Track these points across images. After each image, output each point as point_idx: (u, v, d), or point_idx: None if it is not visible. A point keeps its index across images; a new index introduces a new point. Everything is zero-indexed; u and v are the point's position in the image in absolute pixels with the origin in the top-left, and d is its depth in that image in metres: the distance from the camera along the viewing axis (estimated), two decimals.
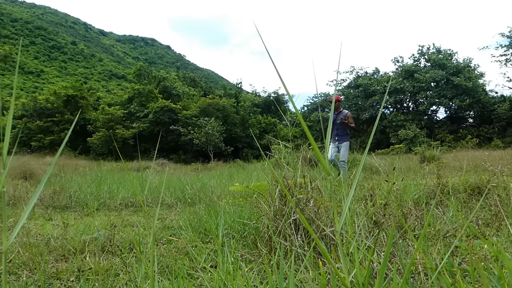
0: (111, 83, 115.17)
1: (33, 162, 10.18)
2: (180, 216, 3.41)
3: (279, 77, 0.41)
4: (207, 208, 2.96)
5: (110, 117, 26.37)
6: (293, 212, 1.80)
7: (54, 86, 35.35)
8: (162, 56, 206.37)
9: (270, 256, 1.72)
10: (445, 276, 1.06)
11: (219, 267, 1.13)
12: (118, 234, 2.69)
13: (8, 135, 0.36)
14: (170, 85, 31.72)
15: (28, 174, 7.11)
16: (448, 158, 9.49)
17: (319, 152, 0.38)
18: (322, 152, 1.69)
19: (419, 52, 30.75)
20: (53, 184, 5.64)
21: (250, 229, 2.19)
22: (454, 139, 25.28)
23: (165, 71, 40.33)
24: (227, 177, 6.66)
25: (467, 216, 2.13)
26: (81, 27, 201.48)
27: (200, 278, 1.62)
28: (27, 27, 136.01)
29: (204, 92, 36.67)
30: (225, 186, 5.09)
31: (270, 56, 0.45)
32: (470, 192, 3.25)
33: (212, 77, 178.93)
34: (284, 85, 0.44)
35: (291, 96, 0.47)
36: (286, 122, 12.70)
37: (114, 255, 2.26)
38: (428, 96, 28.15)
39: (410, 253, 1.58)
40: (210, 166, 15.42)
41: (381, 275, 0.43)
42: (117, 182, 5.84)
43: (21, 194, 4.33)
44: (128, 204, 4.43)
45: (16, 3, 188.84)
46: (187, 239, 2.17)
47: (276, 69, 0.43)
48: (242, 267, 1.32)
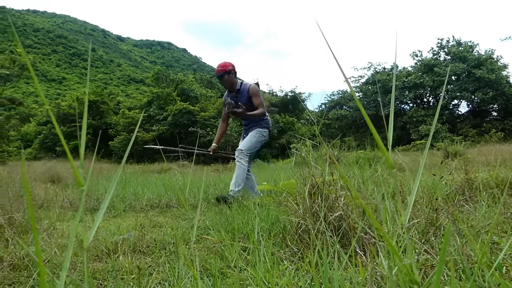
0: (130, 87, 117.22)
1: (60, 166, 10.45)
2: (206, 216, 3.45)
3: (337, 63, 0.42)
4: (237, 207, 2.98)
5: (130, 120, 26.87)
6: (323, 210, 1.80)
7: (76, 92, 36.21)
8: (178, 59, 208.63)
9: (301, 254, 1.73)
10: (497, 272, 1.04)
11: (256, 265, 1.14)
12: (147, 234, 2.73)
13: (84, 135, 0.38)
14: (188, 87, 32.04)
15: (56, 178, 7.31)
16: (472, 153, 9.27)
17: (379, 139, 0.39)
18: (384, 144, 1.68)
19: (438, 45, 30.12)
20: None
21: (278, 228, 2.20)
22: (478, 134, 24.65)
23: (182, 73, 40.78)
24: None
25: (505, 212, 2.08)
26: (99, 33, 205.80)
27: (233, 276, 1.64)
28: (49, 36, 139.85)
29: (221, 93, 36.86)
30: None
31: (328, 44, 0.46)
32: (502, 188, 3.17)
33: None
34: (342, 70, 0.44)
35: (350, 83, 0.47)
36: (304, 120, 12.38)
37: (145, 255, 2.31)
38: (449, 90, 27.54)
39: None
40: (230, 167, 15.48)
41: (439, 270, 0.43)
42: (141, 184, 5.94)
43: (52, 197, 4.46)
44: (153, 205, 4.50)
45: (38, 14, 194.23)
46: (218, 238, 2.20)
47: (333, 53, 0.44)
48: (280, 264, 1.33)
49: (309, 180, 1.88)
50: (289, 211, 2.04)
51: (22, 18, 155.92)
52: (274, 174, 5.97)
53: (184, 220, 3.53)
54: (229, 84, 4.47)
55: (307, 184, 1.89)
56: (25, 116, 20.55)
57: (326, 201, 1.85)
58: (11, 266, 2.02)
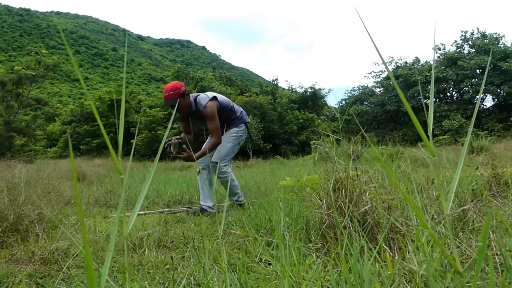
0: (150, 86, 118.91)
1: (84, 164, 10.73)
2: (228, 212, 3.47)
3: (375, 47, 0.41)
4: (265, 202, 3.00)
5: (151, 119, 27.25)
6: (347, 205, 1.79)
7: (98, 91, 36.98)
8: (198, 57, 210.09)
9: (327, 249, 1.72)
10: None
11: (282, 259, 1.15)
12: (171, 230, 2.78)
13: (121, 129, 0.39)
14: (208, 85, 32.25)
15: (81, 176, 7.51)
16: (498, 148, 9.01)
17: (419, 126, 0.38)
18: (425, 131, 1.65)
19: (462, 38, 29.25)
20: (105, 184, 5.92)
21: (301, 223, 2.20)
22: (504, 128, 23.89)
23: (202, 71, 41.04)
24: (269, 173, 6.69)
25: None
26: (120, 33, 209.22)
27: (258, 271, 1.65)
28: (72, 37, 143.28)
29: (241, 90, 36.94)
30: (268, 182, 5.12)
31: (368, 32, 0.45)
32: None
33: (247, 75, 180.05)
34: (380, 54, 0.44)
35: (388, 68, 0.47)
36: (324, 117, 12.22)
37: (170, 249, 2.35)
38: (473, 84, 26.78)
39: (476, 246, 1.53)
40: (250, 163, 15.53)
41: (479, 262, 0.42)
42: (164, 181, 6.02)
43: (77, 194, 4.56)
44: (176, 202, 4.56)
45: (61, 15, 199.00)
46: (244, 232, 2.21)
47: (371, 38, 0.43)
48: (306, 258, 1.33)
49: (333, 175, 1.87)
50: (312, 206, 2.03)
51: (46, 19, 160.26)
52: (295, 170, 5.95)
53: (207, 216, 3.56)
54: (187, 108, 3.59)
55: (331, 179, 1.88)
56: (50, 116, 21.08)
57: (350, 196, 1.84)
58: (42, 260, 2.09)
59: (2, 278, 1.80)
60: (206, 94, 3.70)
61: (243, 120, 3.92)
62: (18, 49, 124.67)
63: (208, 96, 3.64)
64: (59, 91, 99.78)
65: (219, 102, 3.66)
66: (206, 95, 3.65)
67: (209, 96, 3.62)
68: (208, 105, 3.53)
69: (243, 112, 3.99)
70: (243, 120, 3.92)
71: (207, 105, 3.53)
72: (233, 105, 3.87)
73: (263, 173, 6.84)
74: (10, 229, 2.38)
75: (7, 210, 2.42)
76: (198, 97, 3.66)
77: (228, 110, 3.77)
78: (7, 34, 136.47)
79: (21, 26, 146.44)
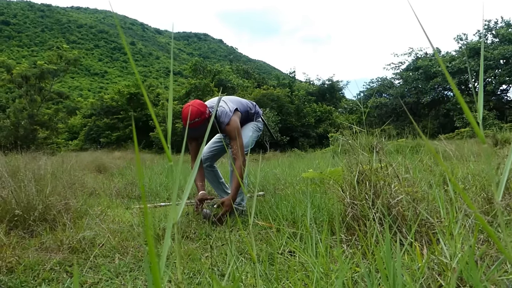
0: (168, 79, 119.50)
1: (104, 156, 10.93)
2: (248, 203, 3.48)
3: (422, 28, 0.40)
4: (287, 194, 2.99)
5: None
6: (371, 197, 1.77)
7: (118, 85, 37.50)
8: (215, 50, 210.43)
9: (354, 240, 1.71)
10: None
11: (309, 251, 1.15)
12: (193, 221, 2.81)
13: (170, 122, 0.40)
14: (225, 78, 32.33)
15: (102, 168, 7.65)
16: None
17: (469, 113, 0.37)
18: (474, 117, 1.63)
19: (485, 27, 28.44)
20: (126, 176, 6.02)
21: (324, 215, 2.19)
22: None
23: (219, 64, 41.11)
24: (287, 166, 6.68)
25: None
26: (138, 27, 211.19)
27: (280, 263, 1.65)
28: (91, 32, 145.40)
29: (258, 83, 36.89)
30: (287, 175, 5.11)
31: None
32: None
33: (264, 68, 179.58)
34: (429, 41, 0.43)
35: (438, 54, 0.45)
36: (342, 109, 12.08)
37: (193, 240, 2.37)
38: (496, 74, 26.02)
39: None
40: (267, 156, 15.53)
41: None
42: (184, 173, 6.08)
43: (100, 186, 4.66)
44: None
45: (80, 10, 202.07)
46: (267, 224, 2.22)
47: (418, 19, 0.42)
48: (333, 250, 1.33)
49: (357, 168, 1.85)
50: (336, 199, 2.02)
51: (66, 15, 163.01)
52: (314, 163, 5.93)
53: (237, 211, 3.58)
54: (198, 124, 2.98)
55: (355, 172, 1.86)
56: (71, 109, 21.53)
57: (375, 188, 1.82)
58: (70, 248, 2.15)
59: (33, 265, 1.86)
60: (224, 106, 3.20)
61: (259, 113, 3.65)
62: (40, 44, 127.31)
63: (230, 108, 3.17)
64: (79, 85, 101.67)
65: (240, 112, 3.32)
66: (226, 109, 3.15)
67: (230, 110, 3.16)
68: (232, 121, 3.09)
69: (256, 106, 3.71)
70: (259, 114, 3.65)
71: (230, 122, 3.08)
72: (247, 103, 3.58)
73: (282, 165, 6.83)
74: (39, 218, 2.46)
75: (35, 200, 2.49)
76: (217, 112, 3.16)
77: (246, 112, 3.45)
78: (29, 29, 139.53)
79: (43, 21, 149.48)
